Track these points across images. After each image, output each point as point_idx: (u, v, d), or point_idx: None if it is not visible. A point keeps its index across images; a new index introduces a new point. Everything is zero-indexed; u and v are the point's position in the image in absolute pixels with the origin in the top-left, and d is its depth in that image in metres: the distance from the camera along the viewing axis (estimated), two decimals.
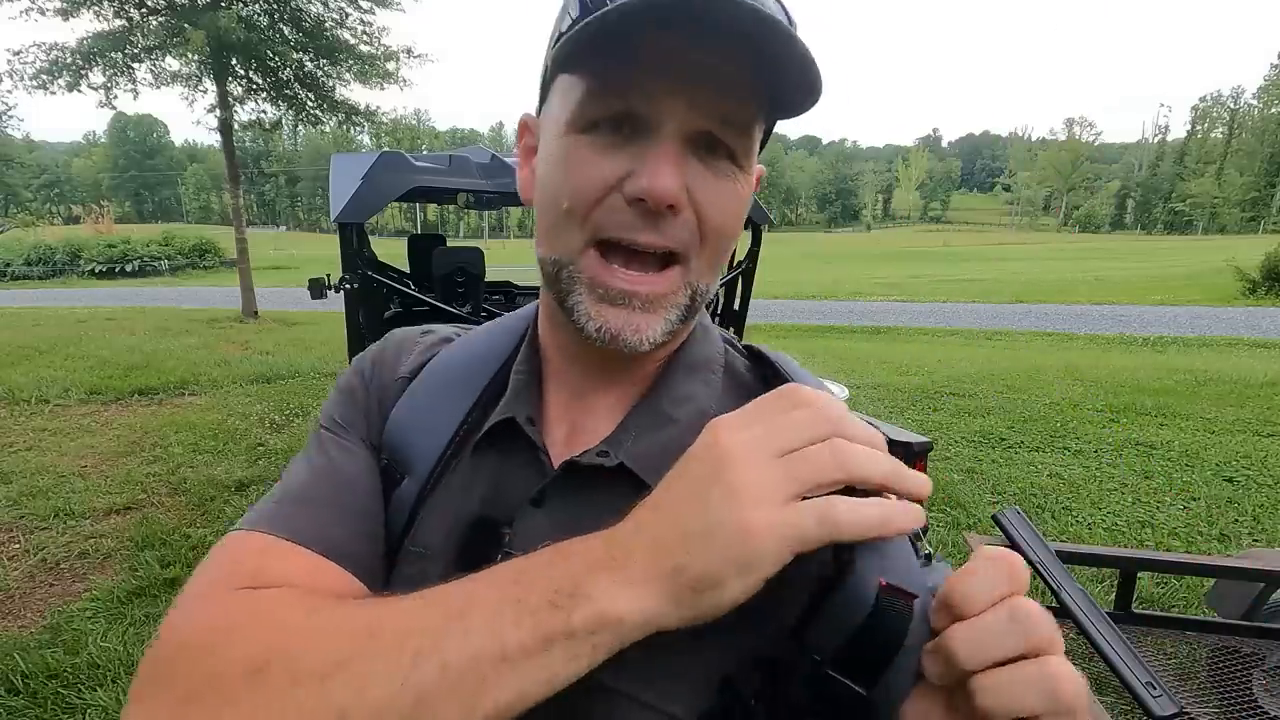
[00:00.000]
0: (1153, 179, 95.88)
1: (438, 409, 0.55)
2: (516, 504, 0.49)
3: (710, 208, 0.45)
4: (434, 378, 0.57)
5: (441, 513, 0.51)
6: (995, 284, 20.31)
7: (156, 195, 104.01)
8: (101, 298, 16.51)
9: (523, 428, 0.51)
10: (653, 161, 0.43)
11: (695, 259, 0.47)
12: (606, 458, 0.48)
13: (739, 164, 0.46)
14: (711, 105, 0.43)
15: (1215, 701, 1.65)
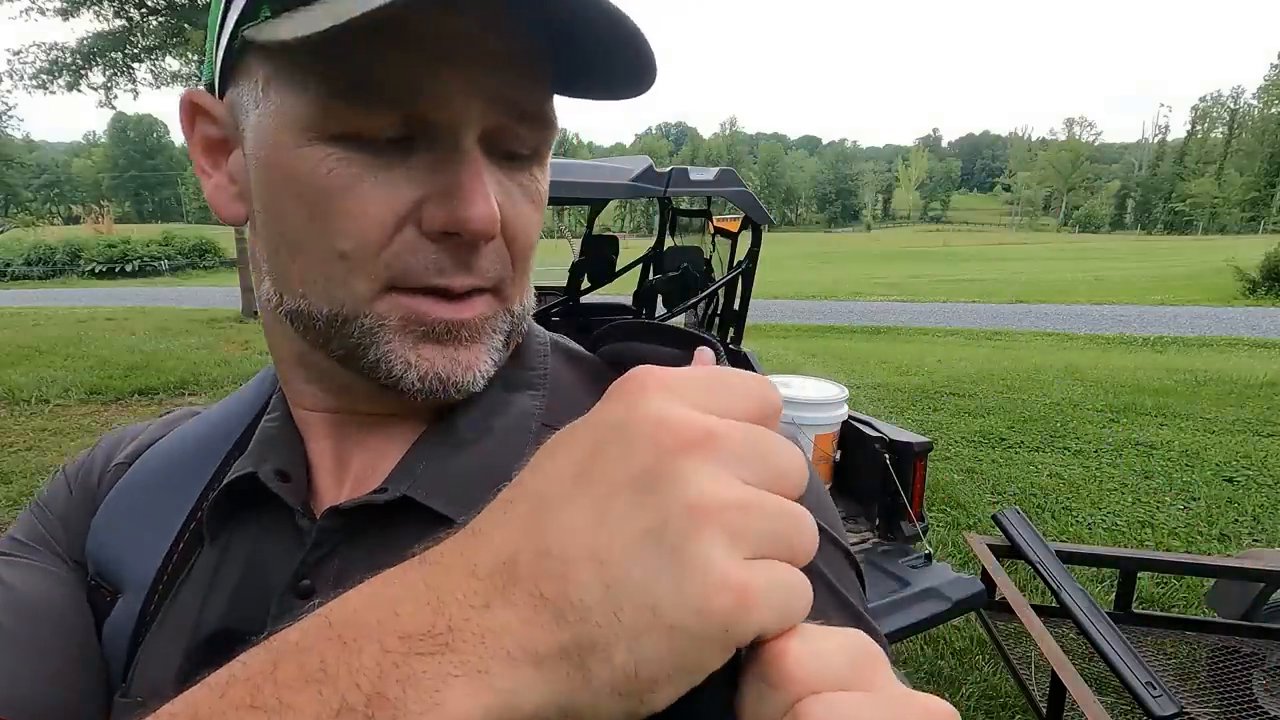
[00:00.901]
0: (1153, 179, 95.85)
1: (158, 496, 0.41)
2: (274, 592, 0.35)
3: (520, 228, 0.36)
4: (154, 461, 0.43)
5: (172, 639, 0.37)
6: (995, 284, 20.31)
7: (156, 195, 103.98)
8: (101, 298, 16.51)
9: (267, 485, 0.37)
10: (467, 182, 0.33)
11: (510, 283, 0.38)
12: (382, 493, 0.35)
13: (539, 164, 0.37)
14: (513, 103, 0.34)
15: (1215, 701, 1.65)
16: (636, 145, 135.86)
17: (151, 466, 0.43)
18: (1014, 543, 1.68)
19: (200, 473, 0.42)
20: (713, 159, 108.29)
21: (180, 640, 0.36)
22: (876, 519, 2.42)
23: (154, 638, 0.38)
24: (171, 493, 0.41)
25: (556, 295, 4.15)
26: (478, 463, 0.37)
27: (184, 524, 0.40)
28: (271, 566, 0.36)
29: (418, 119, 0.32)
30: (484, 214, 0.33)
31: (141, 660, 0.37)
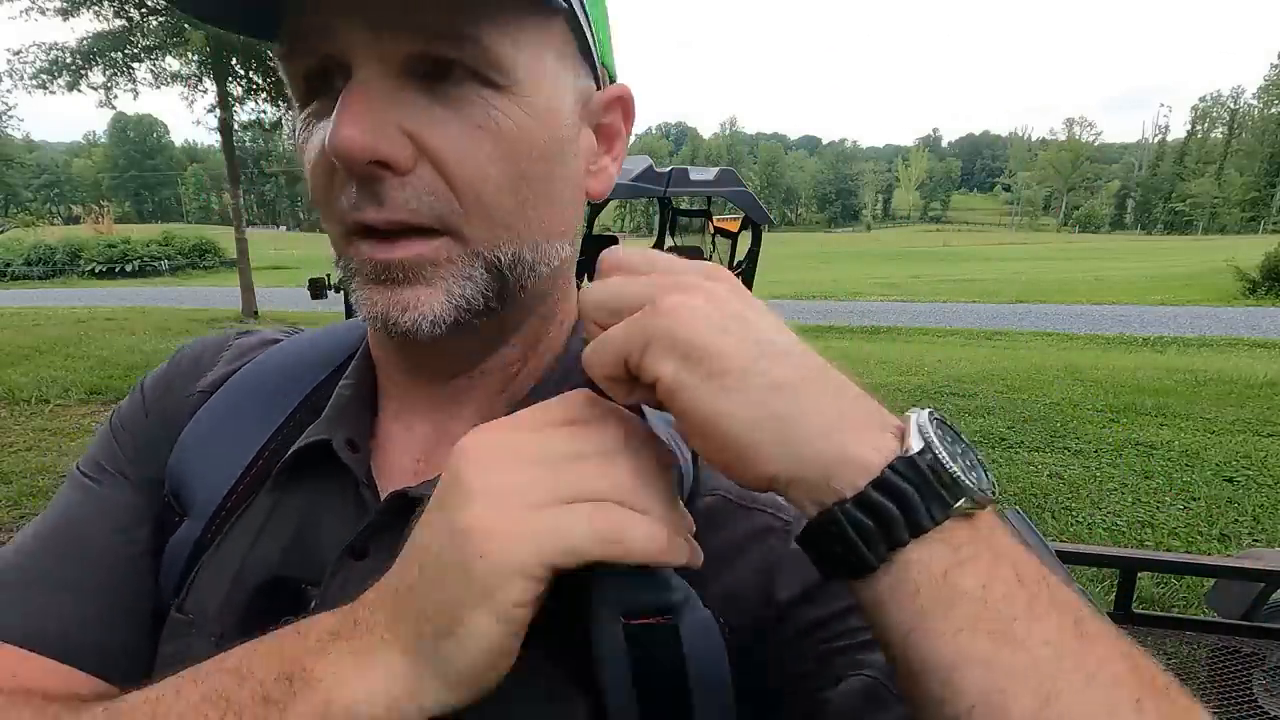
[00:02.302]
0: (1153, 179, 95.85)
1: (234, 431, 0.42)
2: (330, 555, 0.37)
3: (451, 156, 0.34)
4: (236, 392, 0.44)
5: (224, 570, 0.39)
6: (995, 284, 20.31)
7: (156, 195, 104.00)
8: (101, 298, 16.52)
9: (338, 454, 0.39)
10: (339, 109, 0.32)
11: (469, 223, 0.35)
12: None
13: (493, 82, 0.33)
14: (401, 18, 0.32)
15: (1215, 701, 1.65)
16: (636, 145, 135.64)
17: (228, 399, 0.44)
18: None
19: (280, 407, 0.43)
20: (713, 159, 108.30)
21: (228, 573, 0.39)
22: None
23: (206, 566, 0.40)
24: (243, 431, 0.42)
25: None
26: None
27: (250, 463, 0.41)
28: (326, 526, 0.38)
29: (332, 59, 0.33)
30: (344, 135, 0.31)
31: (195, 583, 0.40)
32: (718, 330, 0.26)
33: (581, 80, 0.39)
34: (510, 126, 0.34)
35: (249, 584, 0.38)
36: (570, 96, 0.38)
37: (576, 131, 0.39)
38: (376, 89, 0.32)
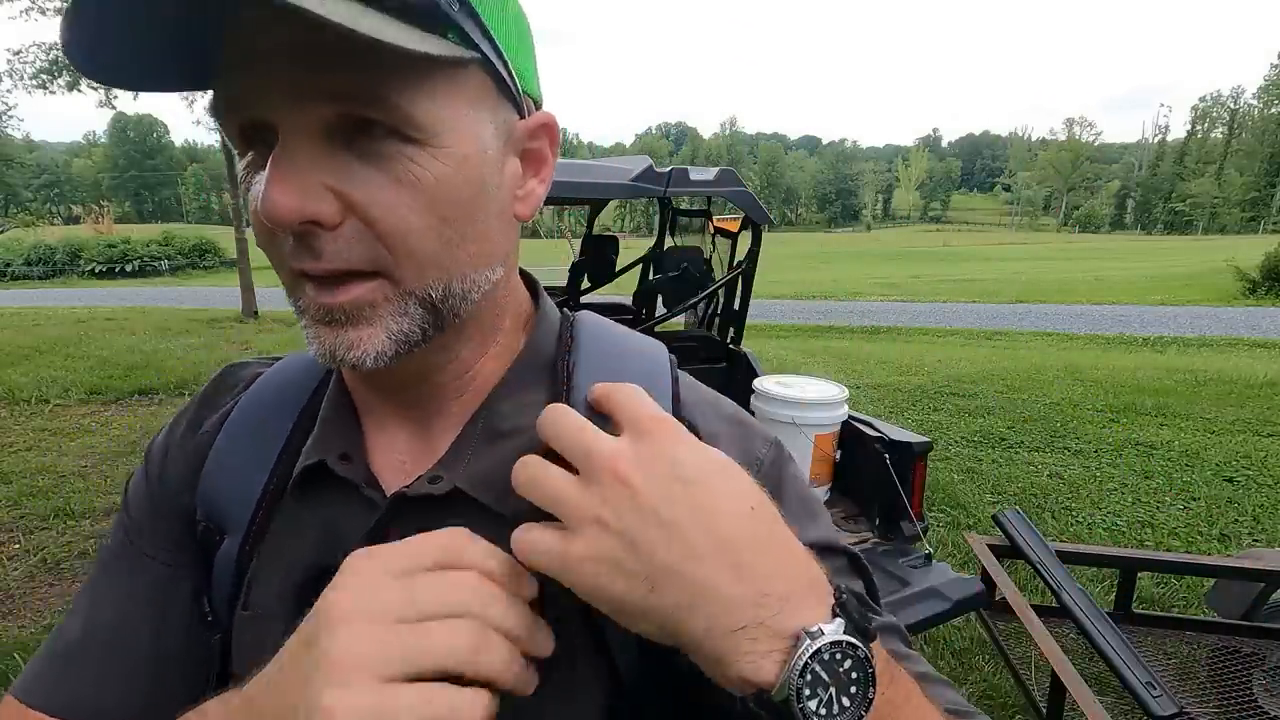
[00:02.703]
0: (1153, 179, 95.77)
1: (247, 454, 0.49)
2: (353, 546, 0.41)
3: (379, 211, 0.36)
4: (240, 422, 0.51)
5: (272, 569, 0.46)
6: (995, 284, 20.31)
7: (156, 195, 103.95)
8: (101, 298, 16.52)
9: (336, 471, 0.45)
10: (267, 176, 0.35)
11: (399, 267, 0.38)
12: (438, 484, 0.43)
13: (411, 137, 0.36)
14: (317, 86, 0.34)
15: (1215, 701, 1.65)
16: (636, 145, 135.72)
17: (234, 430, 0.50)
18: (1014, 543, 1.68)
19: (280, 429, 0.49)
20: (713, 159, 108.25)
21: (278, 570, 0.45)
22: (876, 519, 2.41)
23: (257, 569, 0.47)
24: (255, 453, 0.49)
25: (557, 295, 4.15)
26: (509, 458, 0.39)
27: (268, 479, 0.48)
28: (344, 525, 0.44)
29: (262, 122, 0.36)
30: (272, 203, 0.34)
31: (251, 584, 0.46)
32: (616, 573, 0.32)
33: (502, 116, 0.41)
34: (429, 177, 0.37)
35: (297, 577, 0.44)
36: (490, 135, 0.40)
37: (500, 165, 0.42)
38: (301, 152, 0.35)
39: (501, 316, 0.47)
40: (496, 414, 0.46)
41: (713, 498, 0.33)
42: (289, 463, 0.47)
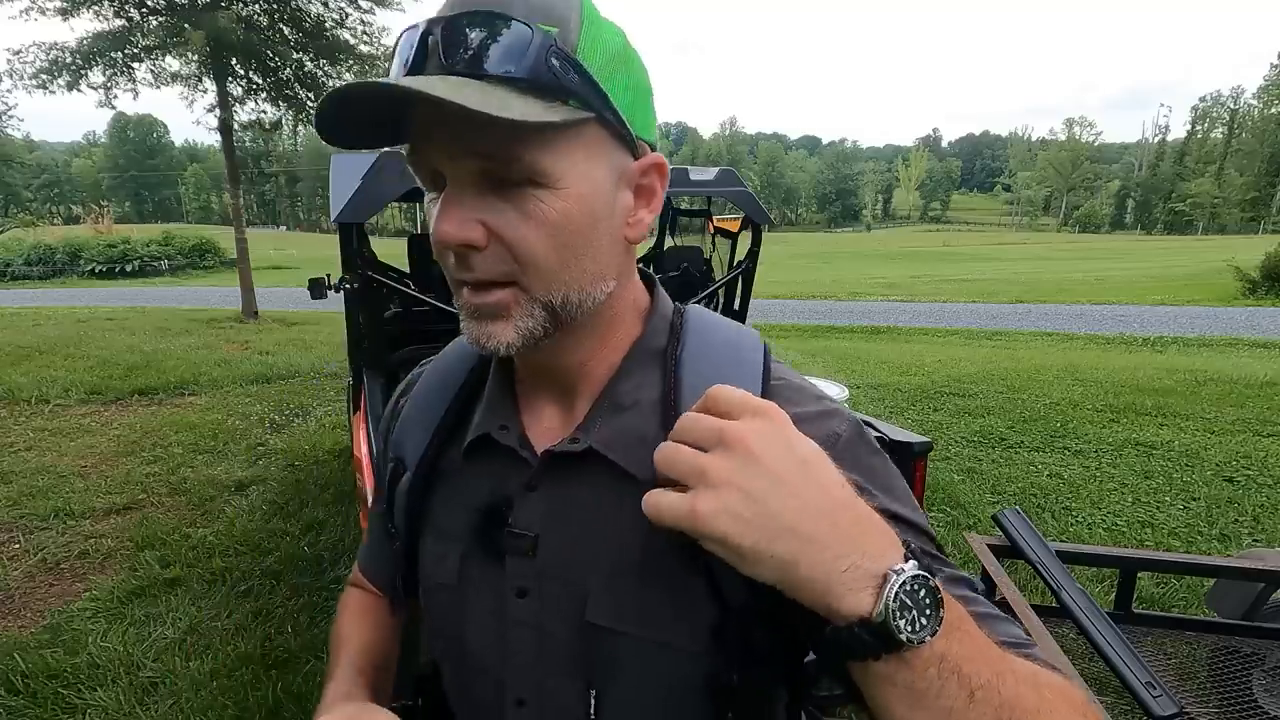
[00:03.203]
0: (1153, 179, 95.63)
1: (420, 417, 0.66)
2: (514, 491, 0.57)
3: (514, 238, 0.48)
4: (418, 394, 0.68)
5: (453, 507, 0.61)
6: (995, 284, 20.31)
7: (156, 195, 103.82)
8: (101, 298, 16.52)
9: (497, 439, 0.59)
10: (438, 211, 0.49)
11: (528, 279, 0.50)
12: (576, 444, 0.55)
13: (539, 183, 0.47)
14: (469, 148, 0.46)
15: (1215, 701, 1.65)
16: None
17: (413, 399, 0.68)
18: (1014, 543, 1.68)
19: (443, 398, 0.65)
20: (713, 159, 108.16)
21: (459, 508, 0.60)
22: None
23: (439, 502, 0.63)
24: (426, 416, 0.65)
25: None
26: (630, 426, 0.55)
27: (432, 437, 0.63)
28: (506, 477, 0.58)
29: (432, 173, 0.50)
30: (444, 231, 0.48)
31: (435, 512, 0.63)
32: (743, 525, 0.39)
33: (616, 159, 0.51)
34: (552, 213, 0.48)
35: (473, 514, 0.59)
36: (603, 176, 0.50)
37: (612, 199, 0.51)
38: (460, 194, 0.48)
39: (618, 316, 0.58)
40: (618, 392, 0.56)
41: (819, 472, 0.41)
42: (453, 421, 0.63)
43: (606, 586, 0.53)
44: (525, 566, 0.55)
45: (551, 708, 0.56)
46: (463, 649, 0.60)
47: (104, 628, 2.73)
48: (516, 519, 0.56)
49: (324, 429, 5.34)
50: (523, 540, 0.55)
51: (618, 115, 0.49)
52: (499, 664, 0.57)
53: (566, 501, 0.55)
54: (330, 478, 4.31)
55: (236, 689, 2.37)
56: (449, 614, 0.60)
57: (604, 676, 0.53)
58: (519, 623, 0.56)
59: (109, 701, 2.32)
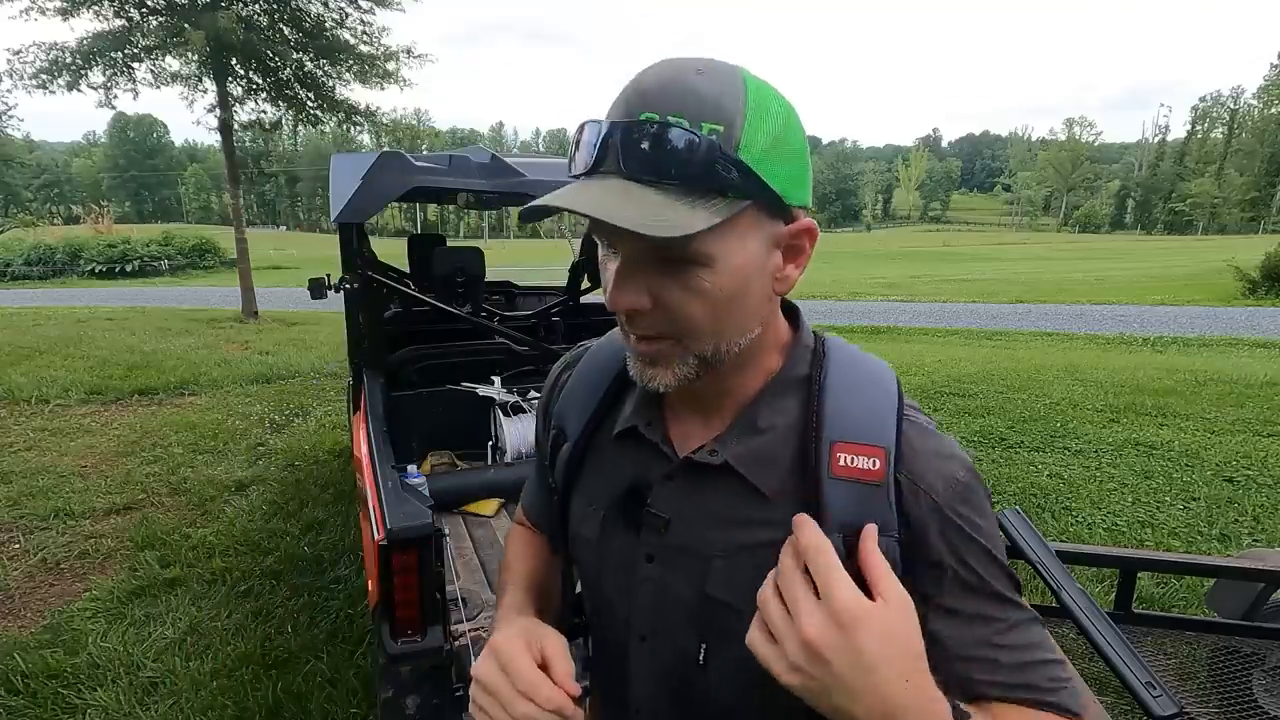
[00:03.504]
0: (1153, 179, 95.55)
1: (581, 396, 0.77)
2: (654, 477, 0.67)
3: (674, 306, 0.56)
4: (579, 375, 0.79)
5: (601, 477, 0.73)
6: (995, 284, 20.31)
7: (156, 195, 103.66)
8: (101, 298, 16.51)
9: (644, 434, 0.68)
10: (613, 280, 0.57)
11: (685, 338, 0.58)
12: (714, 456, 0.63)
13: (699, 262, 0.54)
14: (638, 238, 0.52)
15: (1215, 701, 1.65)
16: None
17: (575, 380, 0.79)
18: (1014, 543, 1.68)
19: (600, 386, 0.75)
20: None
21: (607, 481, 0.71)
22: None
23: (589, 473, 0.74)
24: (586, 397, 0.76)
25: (557, 295, 4.15)
26: (764, 448, 0.62)
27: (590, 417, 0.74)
28: (645, 462, 0.68)
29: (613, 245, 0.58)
30: (615, 298, 0.57)
31: (584, 482, 0.74)
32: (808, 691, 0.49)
33: (769, 230, 0.57)
34: (708, 285, 0.55)
35: (618, 490, 0.70)
36: (756, 247, 0.56)
37: (765, 262, 0.57)
38: (631, 268, 0.56)
39: (759, 353, 0.64)
40: (756, 415, 0.63)
41: (882, 678, 0.47)
42: (601, 408, 0.74)
43: (726, 569, 0.62)
44: (656, 539, 0.66)
45: (667, 646, 0.67)
46: (599, 590, 0.73)
47: (104, 628, 2.73)
48: (654, 501, 0.67)
49: (324, 429, 5.34)
50: (657, 520, 0.66)
51: (773, 195, 0.54)
52: (626, 607, 0.69)
53: (698, 497, 0.64)
54: (330, 478, 4.31)
55: (236, 689, 2.37)
56: (589, 561, 0.74)
57: (715, 637, 0.64)
58: (645, 579, 0.67)
59: (109, 701, 2.32)
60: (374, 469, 1.92)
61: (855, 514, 0.57)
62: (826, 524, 0.56)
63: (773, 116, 0.53)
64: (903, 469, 0.58)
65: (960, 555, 0.58)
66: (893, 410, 0.61)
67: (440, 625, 1.68)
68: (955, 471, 0.59)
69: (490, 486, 2.89)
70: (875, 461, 0.58)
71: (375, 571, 1.67)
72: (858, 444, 0.59)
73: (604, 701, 0.79)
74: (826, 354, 0.66)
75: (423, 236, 4.15)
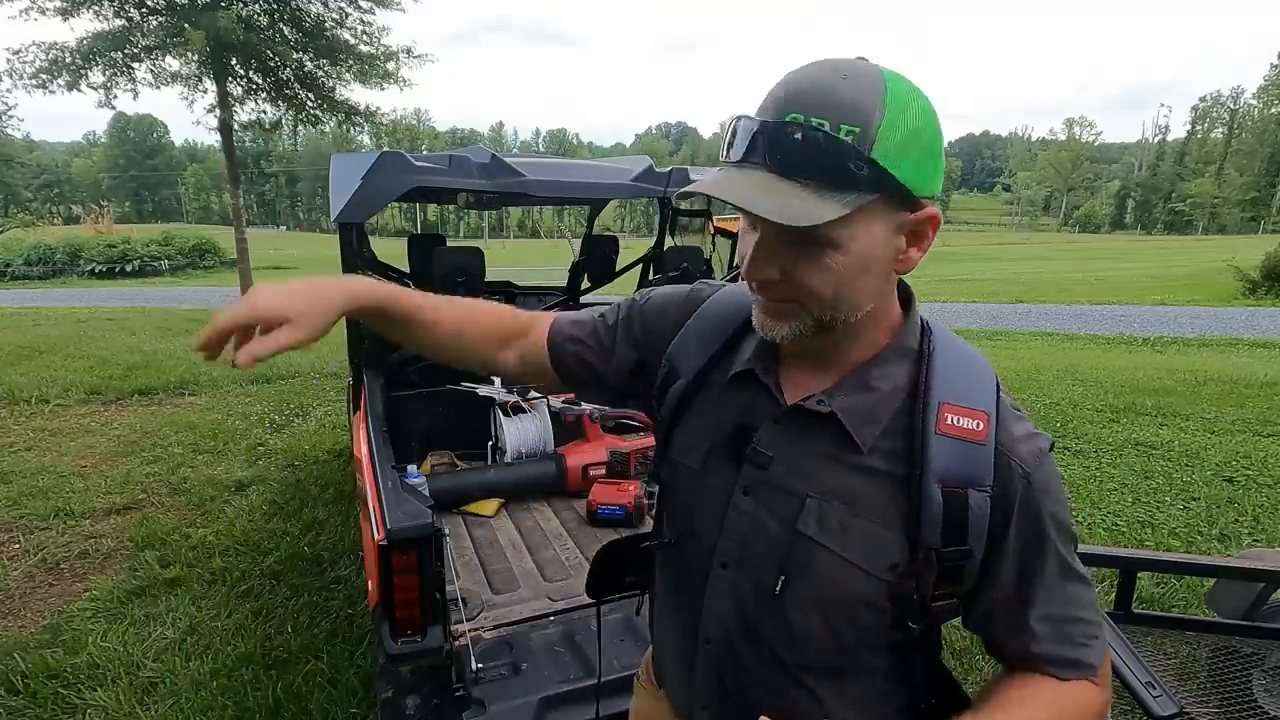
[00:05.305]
0: (1153, 179, 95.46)
1: (702, 338, 0.82)
2: (761, 419, 0.74)
3: (801, 279, 0.63)
4: (702, 318, 0.83)
5: (712, 413, 0.78)
6: (995, 284, 20.30)
7: (156, 195, 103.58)
8: (101, 298, 16.50)
9: (760, 377, 0.74)
10: (751, 253, 0.64)
11: (807, 305, 0.64)
12: (823, 405, 0.69)
13: (828, 244, 0.61)
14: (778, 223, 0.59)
15: (1215, 701, 1.65)
16: (636, 145, 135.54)
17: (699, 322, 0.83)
18: None
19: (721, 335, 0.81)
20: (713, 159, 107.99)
21: (716, 418, 0.78)
22: None
23: (698, 412, 0.80)
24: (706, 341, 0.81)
25: (557, 295, 4.15)
26: (871, 405, 0.69)
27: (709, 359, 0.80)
28: (757, 407, 0.74)
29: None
30: (750, 270, 0.65)
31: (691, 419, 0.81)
32: None
33: (895, 218, 0.63)
34: (836, 264, 0.61)
35: (728, 427, 0.76)
36: (881, 232, 0.62)
37: (888, 245, 0.63)
38: (768, 245, 0.63)
39: (872, 328, 0.70)
40: (867, 375, 0.70)
41: None
42: (720, 352, 0.80)
43: (818, 509, 0.68)
44: (757, 474, 0.72)
45: (747, 576, 0.73)
46: (689, 516, 0.78)
47: (104, 628, 2.73)
48: (760, 439, 0.73)
49: (324, 429, 5.34)
50: (761, 457, 0.72)
51: (902, 189, 0.60)
52: (714, 534, 0.75)
53: (801, 441, 0.71)
54: (330, 478, 4.31)
55: (236, 689, 2.37)
56: (685, 487, 0.79)
57: (796, 570, 0.69)
58: (739, 511, 0.73)
59: (109, 701, 2.31)
60: (374, 469, 1.91)
61: (957, 468, 0.65)
62: (925, 476, 0.65)
63: (909, 116, 0.59)
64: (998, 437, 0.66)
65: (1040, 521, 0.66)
66: (993, 384, 0.70)
67: (440, 625, 1.68)
68: (1040, 445, 0.68)
69: (490, 486, 2.89)
70: (979, 423, 0.67)
71: (375, 571, 1.67)
72: (965, 407, 0.67)
73: (674, 634, 0.85)
74: (933, 333, 0.72)
75: (423, 236, 4.15)
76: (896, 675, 0.76)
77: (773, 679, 0.74)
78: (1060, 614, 0.68)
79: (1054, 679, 0.69)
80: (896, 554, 0.66)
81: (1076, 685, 0.69)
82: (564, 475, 2.92)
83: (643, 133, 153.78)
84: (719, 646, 0.77)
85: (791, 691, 0.74)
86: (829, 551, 0.68)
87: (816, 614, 0.70)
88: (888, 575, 0.67)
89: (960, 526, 0.65)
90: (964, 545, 0.65)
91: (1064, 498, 0.69)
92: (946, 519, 0.64)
